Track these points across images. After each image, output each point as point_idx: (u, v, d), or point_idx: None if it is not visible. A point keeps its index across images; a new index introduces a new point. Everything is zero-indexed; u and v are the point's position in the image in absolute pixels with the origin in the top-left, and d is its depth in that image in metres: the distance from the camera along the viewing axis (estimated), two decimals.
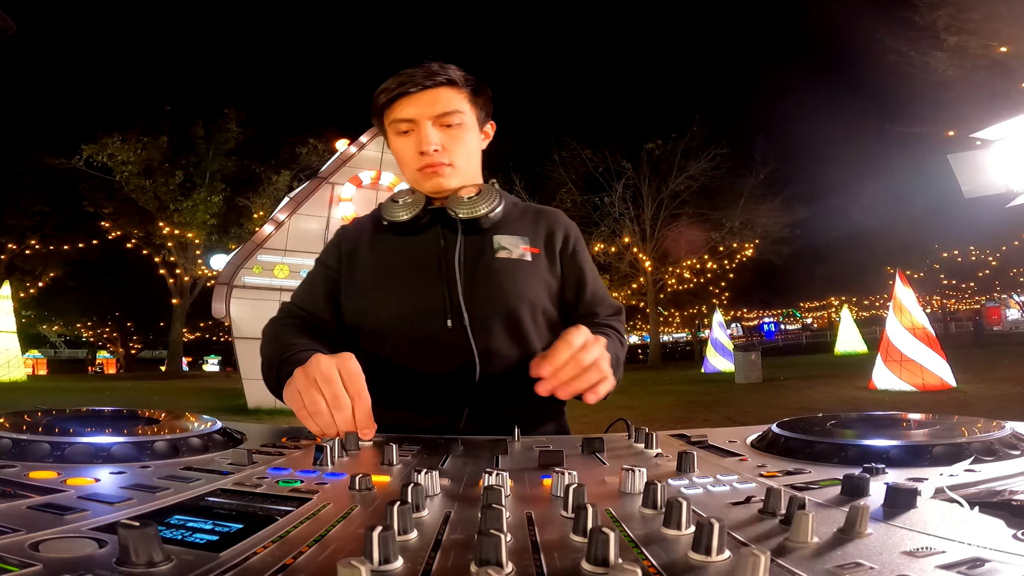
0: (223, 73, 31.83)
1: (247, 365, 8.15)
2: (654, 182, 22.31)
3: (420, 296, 1.01)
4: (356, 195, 8.71)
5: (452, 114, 1.02)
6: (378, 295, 1.04)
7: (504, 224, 1.07)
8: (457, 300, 0.99)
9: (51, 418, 0.75)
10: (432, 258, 1.03)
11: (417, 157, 1.03)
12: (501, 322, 1.00)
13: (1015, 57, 12.64)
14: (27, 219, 19.92)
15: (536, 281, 1.05)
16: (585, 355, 0.82)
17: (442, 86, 1.02)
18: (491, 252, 1.04)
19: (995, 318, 35.62)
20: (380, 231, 1.09)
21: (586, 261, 1.12)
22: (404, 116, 1.02)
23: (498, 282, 1.01)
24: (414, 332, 1.00)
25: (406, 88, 1.01)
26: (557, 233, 1.10)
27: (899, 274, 8.34)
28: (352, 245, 1.11)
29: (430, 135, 1.01)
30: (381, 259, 1.07)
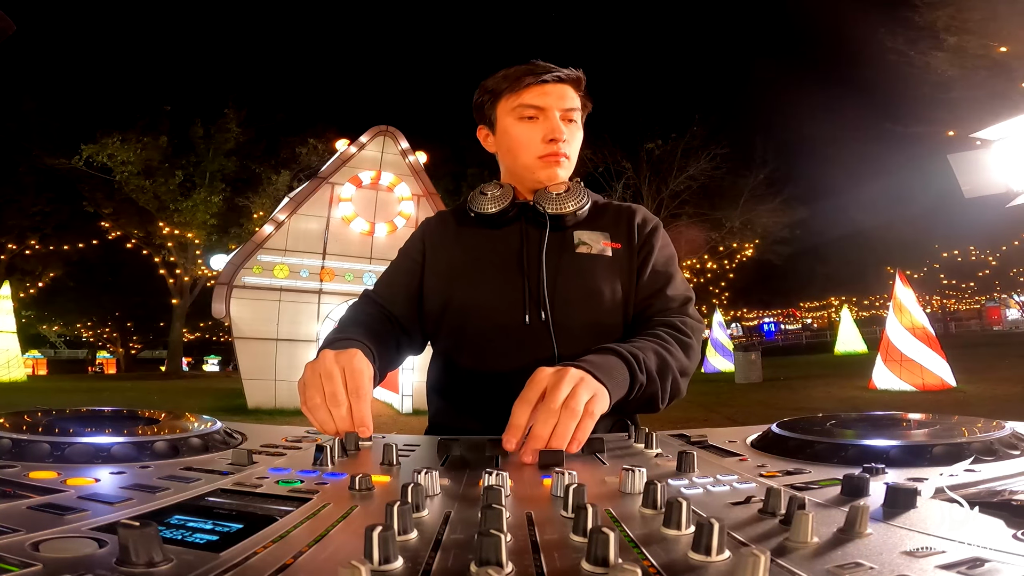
0: (223, 73, 31.83)
1: (247, 365, 8.16)
2: (654, 182, 22.30)
3: (502, 289, 1.02)
4: (356, 195, 8.71)
5: (574, 110, 1.07)
6: (460, 286, 1.05)
7: (586, 220, 1.07)
8: (539, 294, 1.00)
9: (51, 418, 0.75)
10: (515, 252, 1.04)
11: (542, 144, 1.04)
12: (581, 316, 1.01)
13: (1015, 57, 12.64)
14: (27, 219, 19.90)
15: (616, 276, 1.04)
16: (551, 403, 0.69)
17: (570, 83, 1.06)
18: (572, 247, 1.04)
19: (995, 318, 35.63)
20: (464, 223, 1.10)
21: (655, 247, 1.08)
22: (535, 103, 1.04)
23: (579, 277, 1.02)
24: (495, 325, 1.01)
25: (543, 77, 1.04)
26: (635, 224, 1.09)
27: (899, 274, 8.34)
28: (436, 236, 1.12)
29: (560, 125, 1.04)
30: (465, 250, 1.08)
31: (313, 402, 0.75)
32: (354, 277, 8.51)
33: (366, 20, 45.82)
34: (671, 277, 1.06)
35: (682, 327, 0.99)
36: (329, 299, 8.41)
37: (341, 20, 48.14)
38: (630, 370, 0.84)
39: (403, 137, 9.07)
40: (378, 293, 1.10)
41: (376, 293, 1.10)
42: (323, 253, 8.48)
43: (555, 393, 0.70)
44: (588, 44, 48.73)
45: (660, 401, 0.92)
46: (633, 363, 0.85)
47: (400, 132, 9.10)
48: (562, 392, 0.70)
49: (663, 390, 0.91)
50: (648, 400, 0.91)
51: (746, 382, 10.78)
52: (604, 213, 1.11)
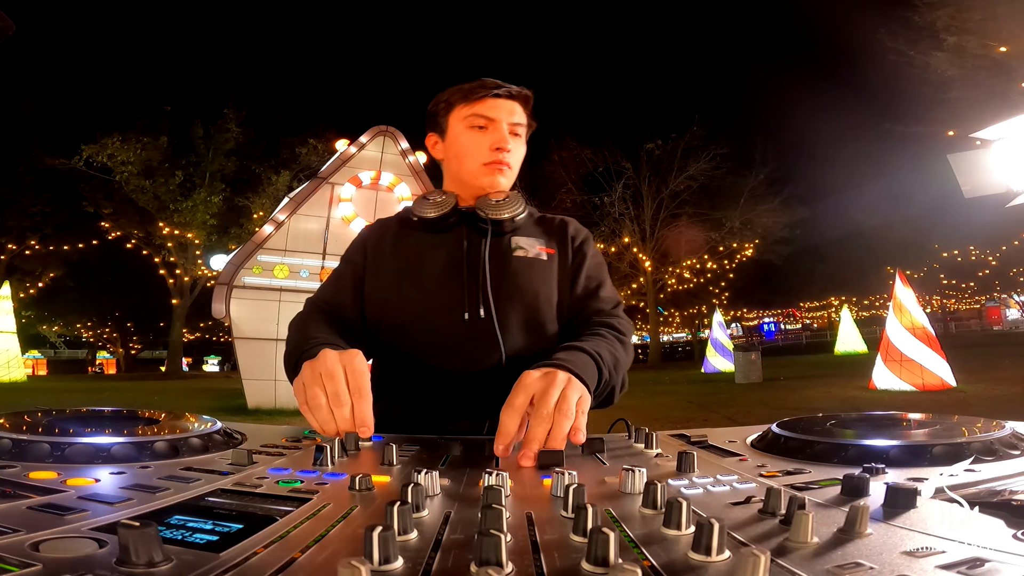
0: (223, 73, 31.85)
1: (247, 365, 8.15)
2: (654, 182, 22.32)
3: (444, 289, 1.06)
4: (356, 195, 8.70)
5: (520, 125, 1.14)
6: (402, 289, 1.08)
7: (523, 227, 1.14)
8: (479, 296, 1.04)
9: (51, 418, 0.75)
10: (456, 254, 1.09)
11: (489, 152, 1.10)
12: (520, 314, 1.06)
13: (1015, 57, 12.64)
14: (27, 219, 19.89)
15: (550, 278, 1.11)
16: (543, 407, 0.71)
17: (519, 100, 1.14)
18: (510, 251, 1.10)
19: (995, 318, 35.63)
20: (407, 228, 1.15)
21: (589, 258, 1.16)
22: (487, 113, 1.10)
23: (517, 279, 1.07)
24: (437, 323, 1.05)
25: (495, 92, 1.11)
26: (568, 235, 1.17)
27: (899, 274, 8.34)
28: (378, 241, 1.16)
29: (507, 136, 1.10)
30: (407, 255, 1.12)
31: (315, 402, 0.75)
32: None
33: (366, 20, 45.81)
34: (602, 282, 1.14)
35: (619, 327, 1.05)
36: None
37: (341, 20, 48.12)
38: (597, 367, 0.88)
39: (403, 137, 9.08)
40: (326, 301, 1.11)
41: (324, 301, 1.11)
42: (323, 253, 8.48)
43: (546, 397, 0.71)
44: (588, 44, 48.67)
45: (616, 395, 0.98)
46: (599, 360, 0.88)
47: (400, 132, 9.10)
48: (553, 396, 0.72)
49: (619, 385, 0.97)
50: (608, 395, 0.96)
51: (746, 382, 10.77)
52: (540, 223, 1.19)
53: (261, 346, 8.11)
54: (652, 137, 21.92)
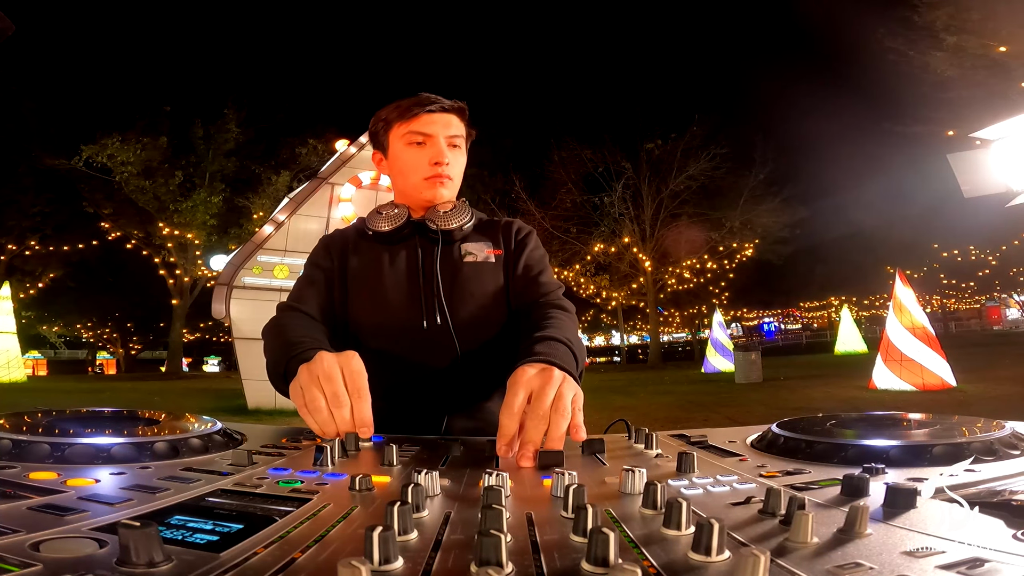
0: (223, 73, 31.82)
1: (247, 366, 8.15)
2: (654, 182, 22.31)
3: (401, 298, 1.11)
4: (356, 195, 8.71)
5: (457, 137, 1.17)
6: (360, 299, 1.13)
7: (472, 235, 1.19)
8: (435, 301, 1.10)
9: (51, 419, 0.75)
10: (410, 265, 1.14)
11: (428, 167, 1.14)
12: (474, 315, 1.11)
13: (1014, 57, 12.64)
14: (27, 220, 19.89)
15: (499, 277, 1.16)
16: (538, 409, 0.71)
17: (454, 112, 1.17)
18: (460, 257, 1.15)
19: (995, 318, 35.63)
20: (363, 240, 1.19)
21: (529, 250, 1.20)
22: (423, 130, 1.14)
23: (469, 283, 1.13)
24: (396, 331, 1.10)
25: (429, 108, 1.14)
26: (512, 233, 1.22)
27: (899, 274, 8.34)
28: (340, 249, 1.20)
29: (445, 150, 1.14)
30: (364, 265, 1.16)
31: (314, 404, 0.75)
32: None
33: (366, 20, 45.82)
34: (543, 269, 1.18)
35: (565, 306, 1.09)
36: None
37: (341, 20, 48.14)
38: (574, 355, 0.91)
39: None
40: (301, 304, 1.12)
41: (299, 304, 1.12)
42: None
43: (542, 397, 0.72)
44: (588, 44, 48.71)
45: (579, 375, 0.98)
46: (572, 346, 0.92)
47: None
48: (548, 395, 0.72)
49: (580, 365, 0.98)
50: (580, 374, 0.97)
51: (746, 382, 10.77)
52: (487, 228, 1.23)
53: (261, 346, 8.09)
54: (652, 137, 21.92)
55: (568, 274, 22.21)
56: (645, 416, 6.68)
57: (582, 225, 22.65)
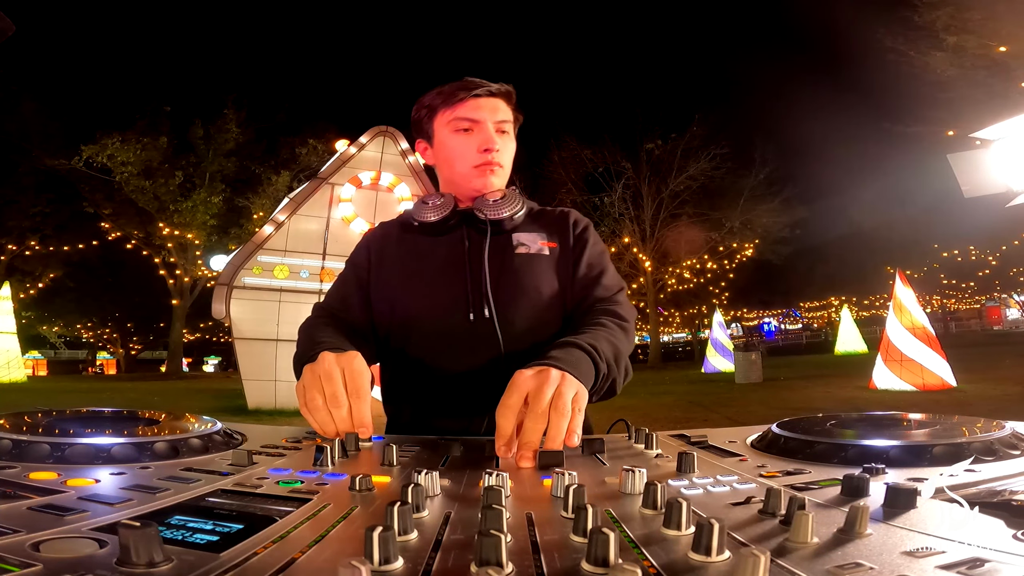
0: (223, 73, 31.81)
1: (247, 366, 8.15)
2: (654, 182, 22.32)
3: (447, 291, 1.06)
4: (356, 196, 8.70)
5: (506, 122, 1.12)
6: (406, 292, 1.08)
7: (523, 223, 1.13)
8: (482, 294, 1.04)
9: (51, 419, 0.75)
10: (458, 256, 1.09)
11: (477, 154, 1.10)
12: (523, 312, 1.05)
13: (1015, 57, 12.63)
14: (27, 220, 19.89)
15: (552, 273, 1.10)
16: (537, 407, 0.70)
17: (501, 96, 1.12)
18: (511, 249, 1.09)
19: (995, 318, 35.63)
20: (408, 232, 1.14)
21: (590, 246, 1.14)
22: (470, 115, 1.09)
23: (519, 276, 1.07)
24: (441, 325, 1.05)
25: (476, 92, 1.09)
26: (569, 225, 1.16)
27: (899, 274, 8.34)
28: (381, 246, 1.16)
29: (494, 136, 1.09)
30: (409, 258, 1.12)
31: (314, 403, 0.75)
32: None
33: (366, 20, 45.78)
34: (604, 269, 1.12)
35: (621, 313, 1.04)
36: None
37: (341, 20, 48.09)
38: (593, 362, 0.86)
39: (403, 137, 9.07)
40: (333, 306, 1.11)
41: (331, 306, 1.11)
42: (323, 254, 8.48)
43: (540, 396, 0.70)
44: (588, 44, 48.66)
45: (618, 385, 0.97)
46: (594, 354, 0.87)
47: (400, 132, 9.10)
48: (547, 394, 0.71)
49: (621, 374, 0.96)
50: (609, 388, 0.94)
51: (746, 382, 10.77)
52: (540, 217, 1.18)
53: (261, 346, 8.11)
54: (652, 137, 21.92)
55: None
56: (645, 416, 6.68)
57: None
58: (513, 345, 1.02)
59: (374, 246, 1.16)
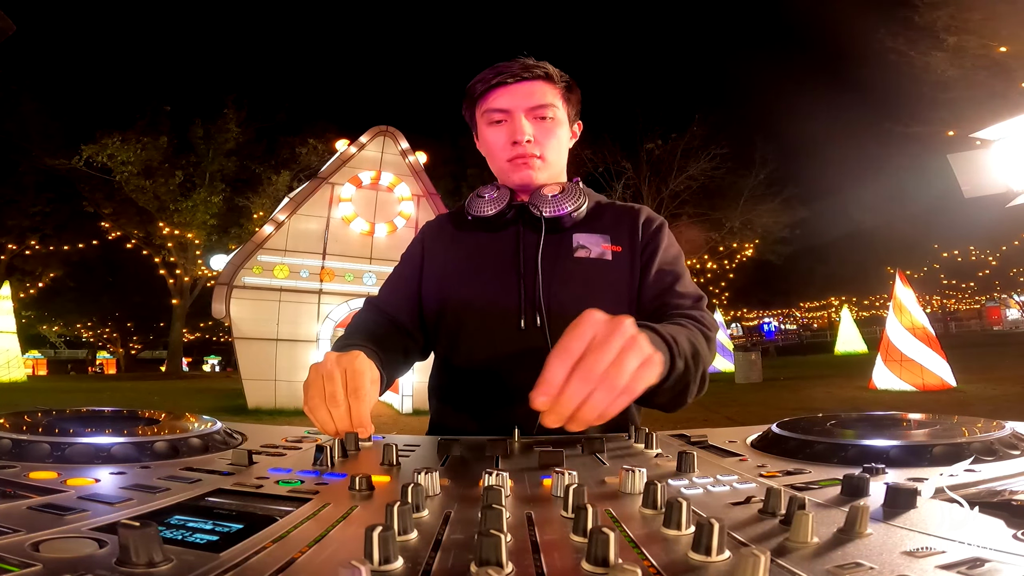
0: (223, 73, 31.82)
1: (247, 365, 8.15)
2: (654, 182, 22.31)
3: (498, 293, 1.00)
4: (356, 195, 8.70)
5: (546, 107, 1.02)
6: (457, 290, 1.03)
7: (585, 222, 1.04)
8: (534, 300, 0.97)
9: (51, 418, 0.75)
10: (511, 255, 1.02)
11: (508, 147, 1.03)
12: None
13: (1015, 57, 12.63)
14: (27, 219, 19.88)
15: (616, 281, 1.00)
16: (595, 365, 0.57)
17: (538, 79, 1.03)
18: (570, 251, 1.01)
19: (995, 318, 35.63)
20: (462, 226, 1.08)
21: (661, 244, 1.03)
22: (499, 106, 1.02)
23: (576, 283, 0.99)
24: (490, 329, 0.99)
25: (503, 79, 1.02)
26: (639, 227, 1.05)
27: (899, 274, 8.34)
28: (434, 240, 1.12)
29: (524, 125, 1.01)
30: (462, 253, 1.06)
31: (314, 402, 0.75)
32: (354, 277, 8.51)
33: (366, 19, 45.78)
34: (680, 275, 1.00)
35: (702, 320, 0.91)
36: (329, 299, 8.41)
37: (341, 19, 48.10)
38: (670, 351, 0.73)
39: (403, 137, 9.07)
40: (381, 300, 1.09)
41: (379, 300, 1.09)
42: (323, 253, 8.48)
43: (601, 354, 0.57)
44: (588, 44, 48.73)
45: (691, 393, 0.85)
46: (673, 344, 0.74)
47: (400, 132, 9.10)
48: (607, 354, 0.57)
49: (696, 380, 0.83)
50: (681, 390, 0.82)
51: (746, 382, 10.77)
52: (605, 214, 1.07)
53: (261, 346, 8.11)
54: (652, 137, 21.92)
55: None
56: (645, 416, 6.66)
57: None
58: None
59: (428, 239, 1.12)
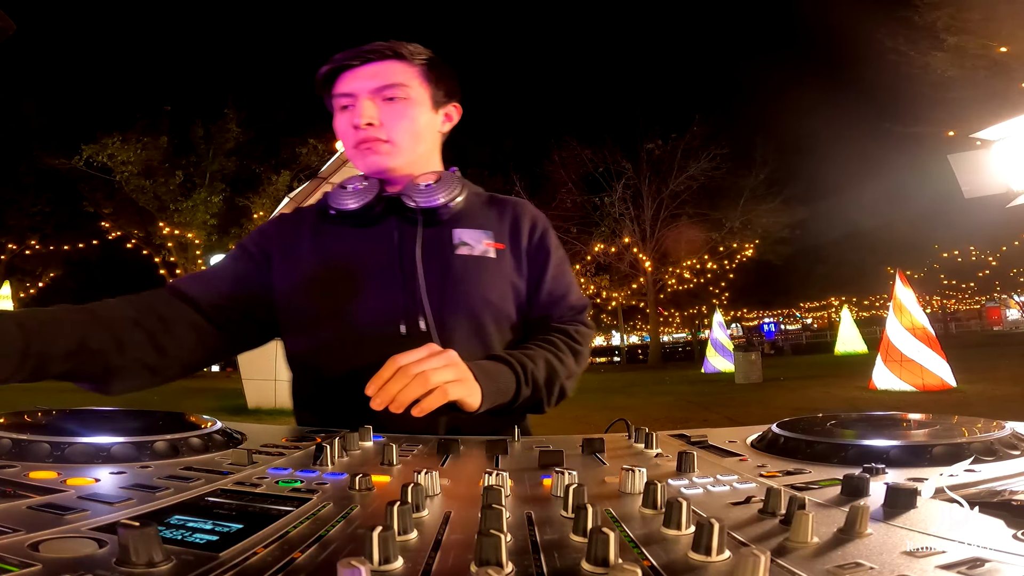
0: (223, 73, 31.80)
1: (247, 365, 8.15)
2: (654, 182, 22.33)
3: (374, 297, 0.92)
4: None
5: (394, 87, 0.95)
6: (323, 293, 0.93)
7: (465, 216, 0.98)
8: (416, 301, 0.91)
9: (51, 418, 0.75)
10: (386, 253, 0.94)
11: (352, 132, 0.95)
12: (462, 327, 0.92)
13: (1015, 57, 12.64)
14: (27, 219, 19.92)
15: (500, 280, 0.97)
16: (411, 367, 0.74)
17: (387, 59, 0.96)
18: (451, 248, 0.95)
19: (995, 318, 35.64)
20: (326, 221, 0.98)
21: (550, 254, 1.02)
22: (344, 90, 0.96)
23: (459, 282, 0.93)
24: (368, 335, 0.90)
25: (348, 61, 0.95)
26: (523, 225, 1.02)
27: (899, 274, 8.34)
28: (291, 235, 1.00)
29: (364, 108, 0.94)
30: (327, 252, 0.96)
31: None
32: None
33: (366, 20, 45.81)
34: (569, 285, 1.03)
35: (575, 335, 0.98)
36: None
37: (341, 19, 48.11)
38: (516, 380, 0.86)
39: None
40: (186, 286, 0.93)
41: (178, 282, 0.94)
42: None
43: (420, 361, 0.74)
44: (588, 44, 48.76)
45: (545, 405, 0.95)
46: (521, 373, 0.86)
47: None
48: (428, 363, 0.74)
49: (548, 396, 0.93)
50: (534, 405, 0.93)
51: (746, 382, 10.77)
52: (487, 208, 1.03)
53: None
54: (652, 137, 21.94)
55: None
56: (645, 416, 6.68)
57: (582, 225, 22.69)
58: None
59: (277, 234, 1.00)
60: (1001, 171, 5.57)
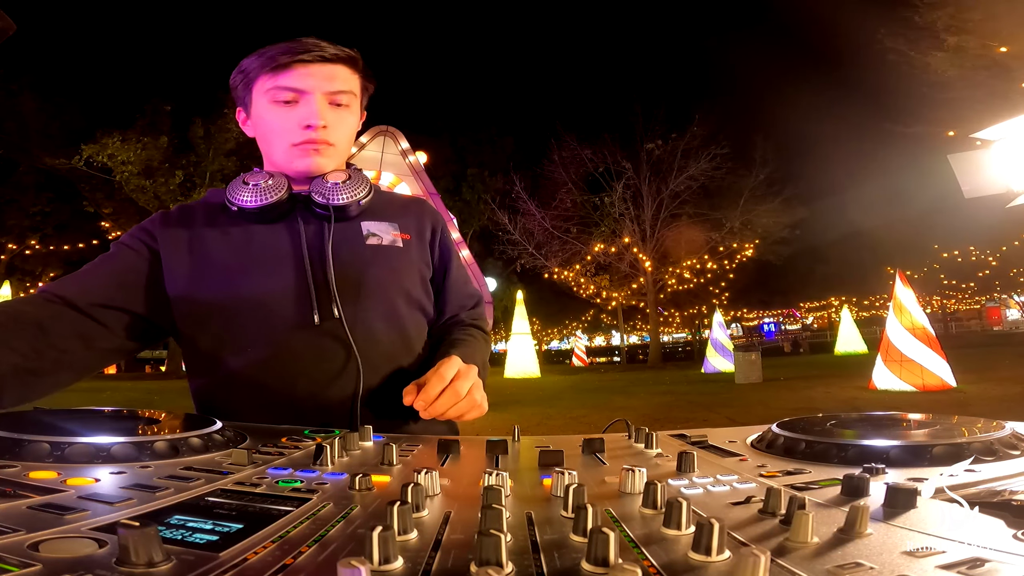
0: (223, 73, 31.83)
1: None
2: (654, 182, 22.32)
3: (285, 288, 0.92)
4: None
5: (344, 93, 0.97)
6: (227, 287, 0.92)
7: (372, 211, 1.01)
8: (329, 292, 0.92)
9: (51, 418, 0.75)
10: (294, 247, 0.94)
11: (298, 131, 0.94)
12: (377, 311, 0.95)
13: (1015, 57, 12.64)
14: (27, 219, 19.94)
15: (409, 267, 1.02)
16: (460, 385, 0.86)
17: (341, 63, 0.96)
18: (361, 239, 0.98)
19: (995, 318, 35.65)
20: (226, 216, 0.97)
21: (451, 250, 1.10)
22: (293, 85, 0.93)
23: (371, 269, 0.96)
24: (277, 329, 0.91)
25: (302, 57, 0.93)
26: (425, 221, 1.08)
27: (899, 274, 8.34)
28: (183, 231, 0.96)
29: (321, 110, 0.94)
30: (231, 246, 0.95)
31: None
32: None
33: (366, 19, 45.81)
34: (467, 279, 1.13)
35: (484, 328, 1.11)
36: None
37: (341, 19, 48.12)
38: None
39: (403, 137, 9.08)
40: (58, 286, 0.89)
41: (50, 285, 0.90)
42: None
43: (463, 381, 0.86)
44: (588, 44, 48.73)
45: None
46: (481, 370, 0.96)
47: (400, 132, 9.10)
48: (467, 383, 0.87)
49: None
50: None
51: (746, 382, 10.77)
52: (390, 204, 1.06)
53: None
54: (652, 137, 21.93)
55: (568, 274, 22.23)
56: (645, 416, 6.68)
57: (582, 225, 22.69)
58: (367, 349, 0.92)
59: (163, 230, 0.96)
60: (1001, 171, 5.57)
